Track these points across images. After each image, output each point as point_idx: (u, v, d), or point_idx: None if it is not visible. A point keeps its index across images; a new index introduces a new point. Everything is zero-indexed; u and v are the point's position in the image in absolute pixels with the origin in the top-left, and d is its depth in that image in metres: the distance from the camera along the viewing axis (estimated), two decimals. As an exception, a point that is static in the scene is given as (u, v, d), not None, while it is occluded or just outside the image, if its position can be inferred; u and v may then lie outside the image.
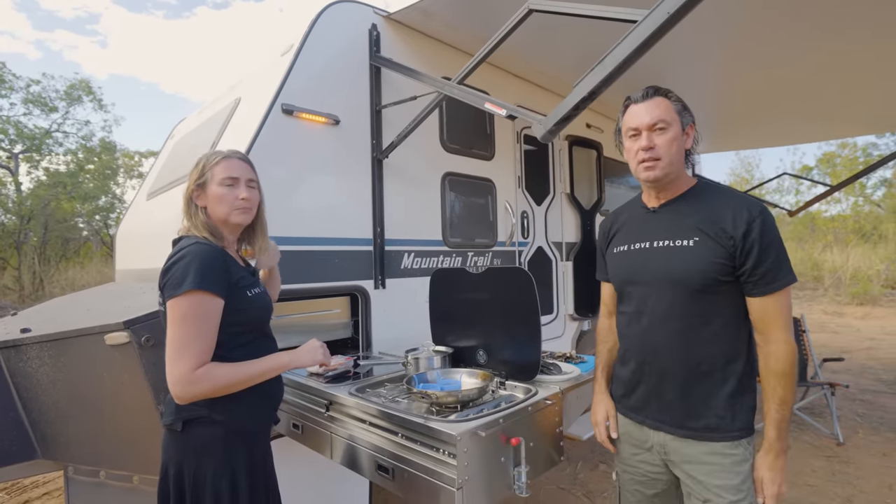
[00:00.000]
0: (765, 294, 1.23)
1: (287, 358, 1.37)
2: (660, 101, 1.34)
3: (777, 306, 1.24)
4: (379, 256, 2.56)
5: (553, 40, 2.97)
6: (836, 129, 5.75)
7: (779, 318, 1.23)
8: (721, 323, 1.28)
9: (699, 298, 1.28)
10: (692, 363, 1.30)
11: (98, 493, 2.01)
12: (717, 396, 1.28)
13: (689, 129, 1.36)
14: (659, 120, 1.32)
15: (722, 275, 1.25)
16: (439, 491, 1.28)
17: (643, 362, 1.38)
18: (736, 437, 1.27)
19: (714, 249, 1.26)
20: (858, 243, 14.79)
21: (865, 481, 3.05)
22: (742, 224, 1.23)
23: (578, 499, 2.93)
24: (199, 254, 1.27)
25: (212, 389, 1.22)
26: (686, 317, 1.30)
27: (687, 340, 1.30)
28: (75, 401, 1.93)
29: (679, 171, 1.37)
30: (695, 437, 1.30)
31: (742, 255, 1.23)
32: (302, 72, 2.32)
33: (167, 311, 1.23)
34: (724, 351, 1.28)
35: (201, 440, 1.27)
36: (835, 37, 2.89)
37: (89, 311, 2.24)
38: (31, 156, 16.15)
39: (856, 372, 5.78)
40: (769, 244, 1.22)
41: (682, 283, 1.29)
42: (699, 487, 1.29)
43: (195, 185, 1.40)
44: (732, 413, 1.27)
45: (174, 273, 1.24)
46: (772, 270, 1.22)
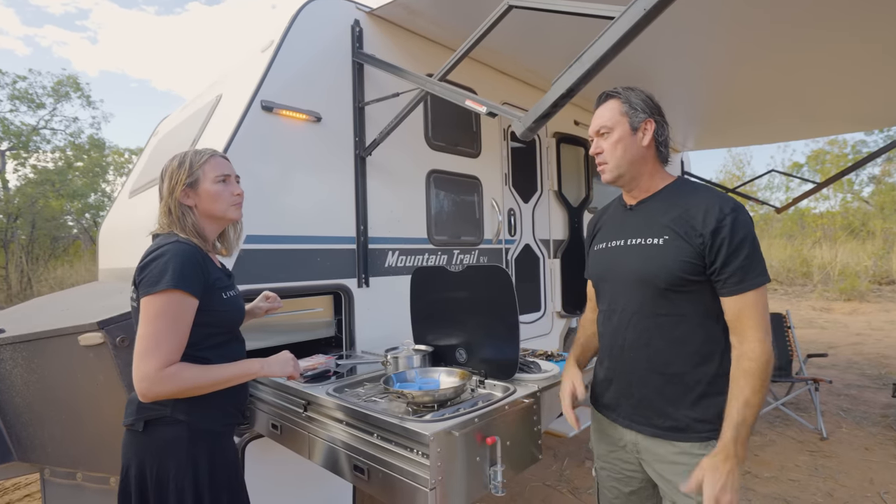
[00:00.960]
0: (736, 293, 1.20)
1: (258, 366, 1.36)
2: (609, 104, 1.36)
3: (751, 306, 1.19)
4: (362, 255, 2.55)
5: (540, 37, 2.96)
6: (824, 127, 5.78)
7: (753, 318, 1.19)
8: (692, 323, 1.26)
9: (667, 297, 1.26)
10: (661, 363, 1.28)
11: (75, 495, 1.98)
12: (686, 397, 1.26)
13: (644, 125, 1.33)
14: (601, 126, 1.36)
15: (690, 274, 1.22)
16: (413, 492, 1.27)
17: (614, 360, 1.39)
18: (705, 437, 1.24)
19: (683, 248, 1.23)
20: (847, 240, 14.95)
21: (847, 475, 3.08)
22: (712, 221, 1.20)
23: (564, 495, 2.94)
24: (179, 253, 1.26)
25: (178, 390, 1.20)
26: (655, 316, 1.29)
27: (656, 339, 1.29)
28: (50, 402, 1.90)
29: (636, 170, 1.35)
30: (663, 437, 1.29)
31: (711, 253, 1.20)
32: (282, 68, 2.29)
33: (140, 307, 1.22)
34: (695, 351, 1.25)
35: (163, 440, 1.26)
36: (819, 35, 2.90)
37: (66, 310, 2.21)
38: (18, 153, 15.94)
39: (842, 367, 5.84)
40: (740, 242, 1.18)
41: (648, 281, 1.28)
42: (668, 487, 1.29)
43: (184, 184, 1.37)
44: (702, 414, 1.25)
45: (152, 270, 1.23)
46: (742, 269, 1.18)
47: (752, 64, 3.36)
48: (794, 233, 16.77)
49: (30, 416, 1.95)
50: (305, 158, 2.36)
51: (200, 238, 1.37)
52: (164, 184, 1.39)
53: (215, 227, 1.44)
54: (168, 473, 1.24)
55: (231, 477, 1.40)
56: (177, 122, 3.31)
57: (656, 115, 1.35)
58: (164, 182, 1.39)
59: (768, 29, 2.80)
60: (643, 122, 1.33)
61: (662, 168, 1.40)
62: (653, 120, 1.34)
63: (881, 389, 4.85)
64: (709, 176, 21.15)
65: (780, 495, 2.87)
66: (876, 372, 5.59)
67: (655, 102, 1.37)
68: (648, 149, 1.35)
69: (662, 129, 1.36)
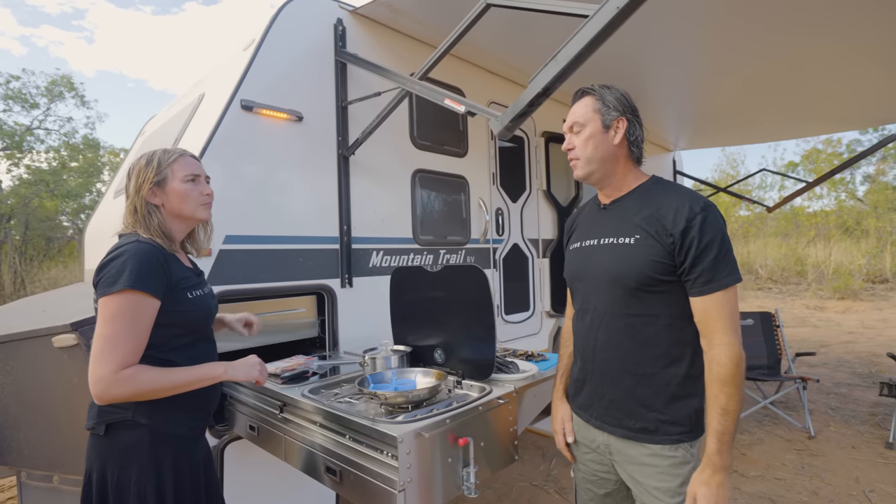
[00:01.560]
0: (704, 294, 1.18)
1: (221, 370, 1.33)
2: (583, 101, 1.36)
3: (718, 307, 1.17)
4: (345, 255, 2.53)
5: (526, 36, 2.95)
6: (815, 127, 5.80)
7: (721, 319, 1.16)
8: (663, 324, 1.24)
9: (638, 297, 1.25)
10: (631, 363, 1.27)
11: (52, 498, 1.96)
12: (656, 398, 1.25)
13: (616, 123, 1.32)
14: (573, 122, 1.36)
15: (661, 273, 1.21)
16: (382, 493, 1.26)
17: (586, 360, 1.38)
18: (675, 440, 1.23)
19: (653, 247, 1.22)
20: (841, 238, 14.99)
21: (833, 474, 3.09)
22: (681, 221, 1.19)
23: (550, 495, 2.93)
24: (137, 253, 1.23)
25: (134, 393, 1.18)
26: (625, 316, 1.28)
27: (626, 339, 1.28)
28: (25, 404, 1.88)
29: (607, 168, 1.35)
30: (634, 439, 1.28)
31: (681, 253, 1.19)
32: (263, 67, 2.28)
33: (98, 308, 1.20)
34: (665, 353, 1.24)
35: (125, 444, 1.24)
36: (806, 37, 2.90)
37: (44, 312, 2.19)
38: (12, 153, 15.85)
39: (832, 365, 5.86)
40: (710, 242, 1.16)
41: (618, 280, 1.27)
42: (639, 489, 1.29)
43: (151, 183, 1.35)
44: (672, 416, 1.24)
45: (109, 271, 1.21)
46: (711, 269, 1.16)
47: (743, 65, 3.37)
48: (788, 232, 16.82)
49: (5, 418, 1.93)
50: (287, 158, 2.34)
51: (165, 238, 1.34)
52: (130, 182, 1.37)
53: (183, 226, 1.42)
54: (129, 479, 1.22)
55: (199, 482, 1.38)
56: (162, 122, 3.29)
57: (629, 114, 1.34)
58: (130, 180, 1.37)
59: (756, 32, 2.80)
60: (615, 121, 1.32)
61: (636, 167, 1.39)
62: (625, 118, 1.33)
63: (871, 388, 4.86)
64: (703, 175, 21.21)
65: (765, 494, 2.87)
66: (866, 370, 5.61)
67: (631, 102, 1.36)
68: (620, 147, 1.34)
69: (635, 129, 1.35)
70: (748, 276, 14.47)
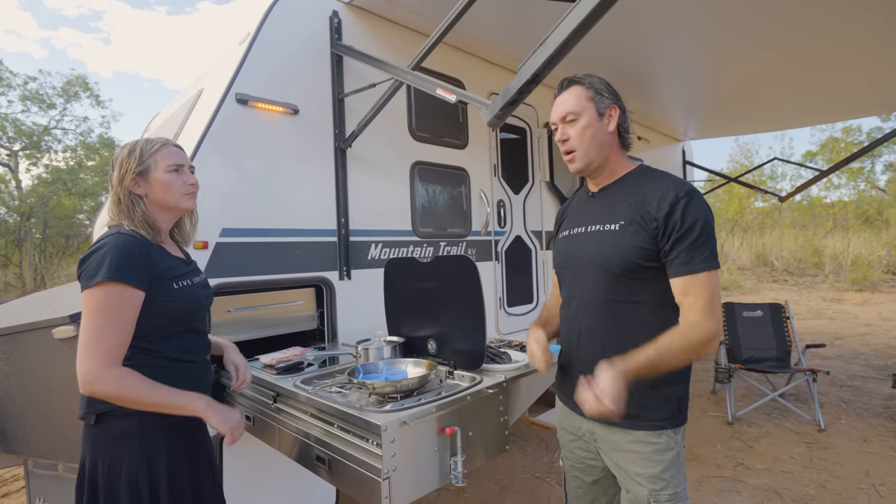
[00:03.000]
0: (682, 274, 1.18)
1: (202, 405, 1.27)
2: (573, 90, 1.34)
3: (698, 286, 1.17)
4: (343, 247, 2.54)
5: (525, 25, 2.92)
6: (835, 112, 5.64)
7: (700, 297, 1.16)
8: (647, 310, 1.25)
9: (622, 283, 1.25)
10: (616, 349, 1.25)
11: (57, 486, 2.02)
12: (640, 385, 1.22)
13: (610, 110, 1.33)
14: (567, 112, 1.33)
15: (645, 259, 1.22)
16: (367, 481, 1.27)
17: (571, 347, 1.38)
18: (657, 426, 1.24)
19: (638, 233, 1.23)
20: (861, 229, 14.63)
21: (842, 467, 3.03)
22: (665, 206, 1.20)
23: (552, 487, 2.93)
24: (117, 245, 1.23)
25: (116, 395, 1.18)
26: (610, 302, 1.28)
27: (610, 325, 1.28)
28: (30, 395, 1.93)
29: (604, 157, 1.34)
30: (617, 425, 1.28)
31: (664, 237, 1.20)
32: (257, 61, 2.29)
33: (82, 302, 1.21)
34: (649, 339, 1.22)
35: (115, 433, 1.24)
36: (823, 18, 2.81)
37: (49, 305, 2.24)
38: (31, 153, 16.21)
39: (847, 358, 5.73)
40: (691, 226, 1.18)
41: (603, 266, 1.27)
42: (623, 476, 1.29)
43: (134, 173, 1.35)
44: (655, 402, 1.25)
45: (90, 264, 1.22)
46: (689, 251, 1.17)
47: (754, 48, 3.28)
48: (805, 223, 16.46)
49: (11, 408, 1.98)
50: (284, 151, 2.35)
51: (150, 228, 1.34)
52: (113, 173, 1.36)
53: (168, 216, 1.42)
54: (120, 467, 1.23)
55: (196, 471, 1.38)
56: (165, 118, 3.33)
57: (618, 101, 1.35)
58: (113, 171, 1.37)
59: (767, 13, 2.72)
60: (609, 108, 1.33)
61: (625, 155, 1.40)
62: (616, 105, 1.33)
63: (885, 380, 4.75)
64: (717, 166, 20.83)
65: (771, 487, 2.83)
66: (882, 363, 5.48)
67: (615, 90, 1.37)
68: (613, 135, 1.34)
69: (625, 116, 1.36)
70: (763, 267, 14.22)
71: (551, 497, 2.82)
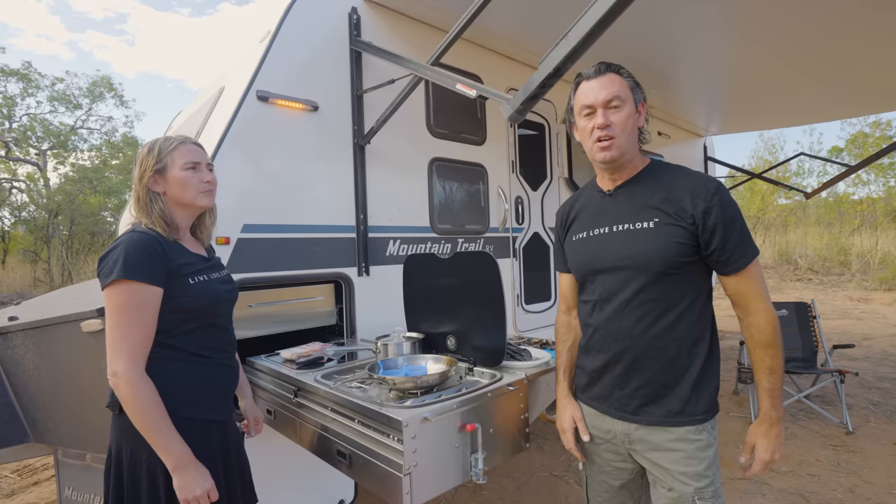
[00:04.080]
0: (739, 269, 1.22)
1: (174, 463, 1.23)
2: (613, 77, 1.29)
3: (752, 279, 1.23)
4: (362, 243, 2.55)
5: (544, 20, 2.88)
6: (864, 106, 5.44)
7: (755, 289, 1.23)
8: (685, 305, 1.25)
9: (662, 281, 1.25)
10: (658, 348, 1.26)
11: (86, 475, 2.07)
12: (682, 380, 1.26)
13: (640, 106, 1.32)
14: (614, 96, 1.26)
15: (684, 256, 1.23)
16: (388, 476, 1.27)
17: (609, 350, 1.33)
18: (700, 420, 1.25)
19: (675, 230, 1.23)
20: (890, 226, 14.15)
21: (871, 471, 2.94)
22: (701, 202, 1.21)
23: (570, 486, 2.90)
24: (132, 243, 1.26)
25: (128, 400, 1.20)
26: (650, 301, 1.26)
27: (652, 325, 1.27)
28: (59, 386, 1.99)
29: (634, 150, 1.33)
30: (659, 424, 1.27)
31: (706, 234, 1.21)
32: (278, 58, 2.30)
33: (104, 300, 1.24)
34: (689, 334, 1.26)
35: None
36: (852, 6, 2.72)
37: (78, 299, 2.30)
38: (58, 152, 16.67)
39: (875, 359, 5.56)
40: (731, 220, 1.20)
41: (644, 266, 1.25)
42: (664, 475, 1.27)
43: (152, 171, 1.37)
44: (696, 396, 1.25)
45: (106, 263, 1.25)
46: (740, 246, 1.21)
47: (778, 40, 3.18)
48: (831, 220, 16.00)
49: (42, 399, 2.04)
50: (303, 147, 2.37)
51: (168, 226, 1.36)
52: (134, 170, 1.39)
53: (186, 214, 1.44)
54: (140, 457, 1.26)
55: (221, 466, 1.38)
56: (187, 116, 3.38)
57: (645, 98, 1.36)
58: (134, 168, 1.40)
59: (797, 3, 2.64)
60: (641, 103, 1.33)
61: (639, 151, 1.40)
62: (644, 102, 1.34)
63: (918, 383, 4.59)
64: (739, 162, 20.37)
65: (797, 490, 2.76)
66: (914, 365, 5.30)
67: None
68: (639, 130, 1.35)
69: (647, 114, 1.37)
70: (786, 266, 13.87)
71: (570, 496, 2.80)
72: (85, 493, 2.05)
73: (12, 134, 15.55)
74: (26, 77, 15.63)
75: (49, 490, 3.05)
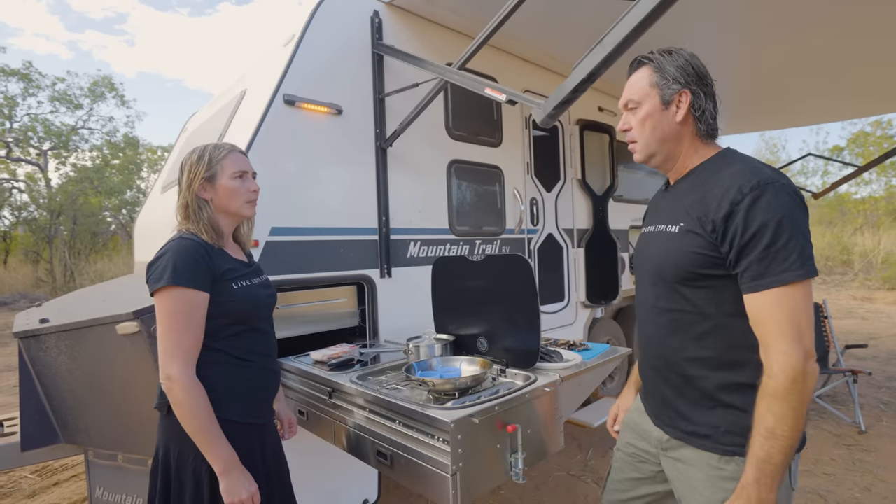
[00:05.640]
0: (753, 291, 0.99)
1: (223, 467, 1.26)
2: (640, 73, 1.19)
3: (773, 307, 0.97)
4: (384, 245, 2.57)
5: (560, 22, 2.90)
6: (867, 106, 5.49)
7: (774, 322, 0.96)
8: (714, 323, 1.10)
9: (679, 292, 1.13)
10: (676, 362, 1.17)
11: (117, 475, 2.09)
12: (706, 402, 1.12)
13: (678, 97, 1.14)
14: (628, 100, 1.20)
15: (702, 267, 1.07)
16: (434, 477, 1.29)
17: (640, 355, 1.33)
18: (729, 451, 1.09)
19: (693, 238, 1.08)
20: (892, 226, 14.21)
21: (887, 470, 2.97)
22: (725, 205, 1.01)
23: (588, 485, 2.93)
24: (179, 250, 1.29)
25: (181, 403, 1.23)
26: (667, 311, 1.17)
27: (671, 338, 1.17)
28: (91, 388, 2.00)
29: (669, 150, 1.19)
30: (686, 441, 1.17)
31: (724, 242, 1.02)
32: (303, 62, 2.32)
33: (155, 306, 1.27)
34: (719, 355, 1.10)
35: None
36: (858, 7, 2.75)
37: (105, 301, 2.31)
38: (59, 152, 16.66)
39: (883, 359, 5.60)
40: (760, 228, 0.97)
41: (659, 273, 1.17)
42: (683, 491, 1.19)
43: (203, 178, 1.40)
44: (726, 424, 1.09)
45: (155, 269, 1.29)
46: (760, 261, 0.97)
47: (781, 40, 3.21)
48: (833, 219, 16.05)
49: (73, 400, 2.06)
50: (328, 151, 2.39)
51: (214, 232, 1.39)
52: (182, 177, 1.42)
53: (230, 221, 1.47)
54: (187, 458, 1.29)
55: (261, 470, 1.39)
56: (205, 118, 3.40)
57: (694, 84, 1.14)
58: (182, 175, 1.42)
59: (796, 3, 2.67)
60: (677, 94, 1.14)
61: (704, 144, 1.19)
62: (688, 91, 1.13)
63: (926, 382, 4.63)
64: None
65: (813, 489, 2.79)
66: (921, 364, 5.34)
67: (696, 68, 1.16)
68: (684, 124, 1.16)
69: (702, 100, 1.15)
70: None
71: (588, 495, 2.83)
72: (116, 493, 2.07)
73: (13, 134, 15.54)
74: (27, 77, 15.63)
75: (70, 490, 3.07)
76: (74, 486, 3.14)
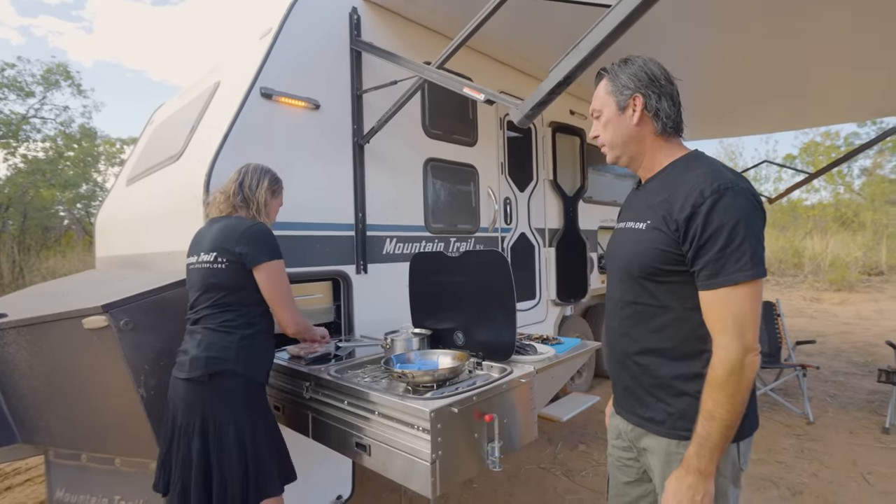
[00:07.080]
0: (706, 289, 1.06)
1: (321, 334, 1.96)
2: (600, 86, 1.29)
3: (720, 304, 1.04)
4: (361, 242, 2.58)
5: (535, 26, 2.98)
6: (818, 117, 5.85)
7: (722, 318, 1.04)
8: (674, 316, 1.15)
9: (644, 286, 1.19)
10: (636, 352, 1.23)
11: (80, 475, 2.02)
12: (665, 390, 1.18)
13: (632, 101, 1.21)
14: (593, 109, 1.31)
15: (665, 263, 1.12)
16: (414, 465, 1.32)
17: (606, 350, 1.37)
18: (682, 437, 1.14)
19: (658, 235, 1.13)
20: (839, 231, 15.12)
21: (832, 457, 3.18)
22: (688, 207, 1.06)
23: (558, 478, 3.01)
24: (271, 232, 1.74)
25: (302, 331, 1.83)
26: (632, 304, 1.22)
27: (632, 329, 1.23)
28: (55, 385, 1.93)
29: (633, 151, 1.26)
30: (645, 427, 1.23)
31: (686, 242, 1.08)
32: (280, 55, 2.30)
33: (265, 270, 1.65)
34: (677, 346, 1.16)
35: (225, 390, 1.57)
36: (812, 22, 2.93)
37: (66, 296, 2.23)
38: (7, 142, 15.71)
39: (830, 355, 5.96)
40: (717, 230, 1.03)
41: (625, 268, 1.23)
42: (657, 480, 1.24)
43: (269, 190, 1.87)
44: (682, 411, 1.15)
45: (266, 243, 1.68)
46: (716, 261, 1.03)
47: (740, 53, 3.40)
48: (786, 224, 16.94)
49: (34, 398, 1.97)
50: (304, 145, 2.38)
51: None
52: (263, 181, 1.84)
53: None
54: (228, 420, 1.55)
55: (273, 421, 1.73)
56: (174, 110, 3.30)
57: (645, 87, 1.20)
58: (263, 181, 1.84)
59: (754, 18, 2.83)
60: (630, 99, 1.21)
61: (668, 143, 1.24)
62: (640, 94, 1.20)
63: (867, 376, 4.96)
64: (703, 167, 21.15)
65: (766, 476, 2.96)
66: (863, 360, 5.72)
67: (648, 72, 1.21)
68: (641, 125, 1.21)
69: (652, 101, 1.20)
70: (745, 267, 14.55)
71: (557, 487, 2.91)
72: (79, 493, 2.00)
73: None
74: (-29, 62, 14.68)
75: (24, 495, 2.93)
76: (29, 489, 3.00)
